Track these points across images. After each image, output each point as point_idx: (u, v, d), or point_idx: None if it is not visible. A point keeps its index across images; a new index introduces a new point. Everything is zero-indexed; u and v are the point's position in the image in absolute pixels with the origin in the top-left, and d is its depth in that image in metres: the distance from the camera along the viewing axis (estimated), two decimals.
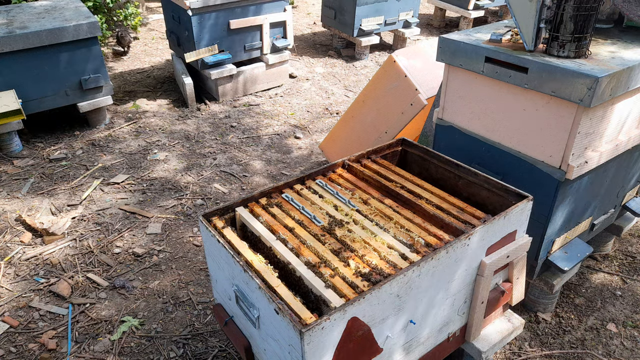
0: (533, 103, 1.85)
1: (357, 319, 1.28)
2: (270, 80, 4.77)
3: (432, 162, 1.98)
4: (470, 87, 2.05)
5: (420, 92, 2.75)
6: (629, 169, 2.26)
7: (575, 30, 1.73)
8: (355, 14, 5.16)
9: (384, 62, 2.90)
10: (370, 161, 2.01)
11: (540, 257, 2.09)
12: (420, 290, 1.45)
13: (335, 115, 4.35)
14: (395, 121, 2.91)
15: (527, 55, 1.80)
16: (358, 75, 5.19)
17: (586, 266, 2.65)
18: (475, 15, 6.29)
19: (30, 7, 3.91)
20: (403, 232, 1.61)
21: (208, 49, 4.22)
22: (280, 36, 4.63)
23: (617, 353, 2.18)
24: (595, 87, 1.61)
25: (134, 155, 3.66)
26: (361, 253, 1.50)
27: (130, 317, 2.31)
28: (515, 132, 1.96)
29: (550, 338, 2.24)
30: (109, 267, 2.61)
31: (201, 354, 2.14)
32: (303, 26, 6.69)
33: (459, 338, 1.79)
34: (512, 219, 1.63)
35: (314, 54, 5.70)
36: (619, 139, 1.99)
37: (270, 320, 1.33)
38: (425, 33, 6.55)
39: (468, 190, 1.88)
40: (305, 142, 3.92)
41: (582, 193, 2.03)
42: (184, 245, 2.78)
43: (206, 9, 4.06)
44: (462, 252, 1.51)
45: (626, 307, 2.42)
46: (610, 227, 2.56)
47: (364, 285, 1.37)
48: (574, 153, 1.80)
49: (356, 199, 1.79)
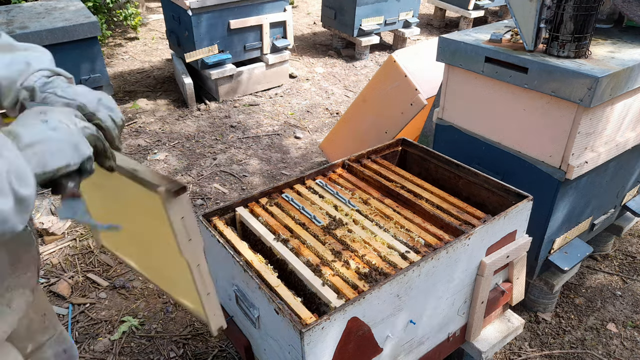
0: (533, 103, 1.85)
1: (357, 319, 1.28)
2: (270, 80, 4.77)
3: (432, 162, 1.98)
4: (470, 87, 2.05)
5: (420, 92, 2.75)
6: (629, 169, 2.26)
7: (575, 30, 1.73)
8: (355, 14, 5.16)
9: (384, 62, 2.90)
10: (370, 161, 2.01)
11: (540, 257, 2.09)
12: (420, 290, 1.45)
13: (335, 115, 4.35)
14: (395, 121, 2.91)
15: (527, 55, 1.80)
16: (358, 75, 5.19)
17: (586, 266, 2.65)
18: (475, 15, 6.29)
19: (30, 7, 3.91)
20: (403, 232, 1.61)
21: (208, 49, 4.22)
22: (280, 36, 4.63)
23: (617, 353, 2.18)
24: (595, 87, 1.61)
25: (134, 155, 3.66)
26: (361, 253, 1.50)
27: (130, 317, 2.31)
28: (515, 132, 1.96)
29: (550, 338, 2.24)
30: (109, 267, 2.61)
31: (201, 354, 2.14)
32: (303, 26, 6.69)
33: (459, 338, 1.79)
34: (512, 219, 1.63)
35: (314, 54, 5.70)
36: (619, 139, 1.99)
37: (270, 320, 1.33)
38: (425, 33, 6.55)
39: (468, 190, 1.88)
40: (305, 142, 3.92)
41: (582, 193, 2.03)
42: None
43: (206, 9, 4.06)
44: (462, 252, 1.51)
45: (626, 307, 2.42)
46: (610, 227, 2.56)
47: (364, 285, 1.37)
48: (574, 153, 1.80)
49: (356, 199, 1.79)
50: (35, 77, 0.95)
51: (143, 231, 1.01)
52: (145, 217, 0.94)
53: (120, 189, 0.96)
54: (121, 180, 0.92)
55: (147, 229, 0.98)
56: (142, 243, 1.06)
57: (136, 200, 0.93)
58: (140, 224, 0.99)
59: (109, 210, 1.07)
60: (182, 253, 0.88)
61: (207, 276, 0.93)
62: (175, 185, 0.82)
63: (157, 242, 0.98)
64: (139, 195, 0.89)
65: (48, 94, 0.92)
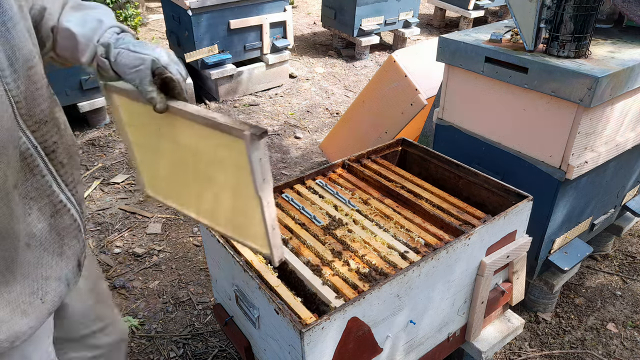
0: (533, 103, 1.85)
1: (357, 319, 1.28)
2: (270, 80, 4.77)
3: (432, 162, 1.98)
4: (470, 87, 2.05)
5: (420, 92, 2.76)
6: (629, 169, 2.26)
7: (575, 30, 1.73)
8: (355, 14, 5.16)
9: (384, 62, 2.90)
10: (370, 161, 2.01)
11: (540, 257, 2.09)
12: (420, 290, 1.45)
13: (335, 115, 4.35)
14: (395, 121, 2.91)
15: (527, 55, 1.80)
16: (358, 75, 5.19)
17: (586, 266, 2.65)
18: (475, 15, 6.29)
19: None
20: (403, 232, 1.61)
21: (208, 49, 4.22)
22: (280, 36, 4.63)
23: (617, 353, 2.18)
24: (595, 87, 1.61)
25: None
26: (361, 253, 1.50)
27: (130, 317, 2.31)
28: (515, 132, 1.96)
29: (550, 338, 2.24)
30: (109, 267, 2.61)
31: (201, 354, 2.14)
32: (303, 26, 6.69)
33: (459, 338, 1.79)
34: (512, 219, 1.63)
35: (314, 54, 5.70)
36: (619, 139, 1.99)
37: (270, 320, 1.33)
38: (425, 33, 6.55)
39: (468, 190, 1.88)
40: (305, 142, 3.92)
41: (582, 193, 2.03)
42: (184, 245, 2.78)
43: (206, 9, 4.06)
44: (462, 252, 1.51)
45: (626, 307, 2.42)
46: (610, 227, 2.56)
47: (364, 285, 1.37)
48: (574, 153, 1.80)
49: (356, 199, 1.79)
50: (108, 34, 1.02)
51: (208, 178, 1.07)
52: (215, 165, 1.02)
53: (187, 144, 1.04)
54: (191, 133, 1.00)
55: (214, 175, 1.04)
56: (203, 190, 1.12)
57: (208, 149, 1.00)
58: (205, 173, 1.06)
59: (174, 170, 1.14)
60: (257, 191, 0.96)
61: (274, 212, 1.01)
62: (258, 130, 0.89)
63: (225, 187, 1.04)
64: (213, 144, 0.97)
65: (122, 49, 0.99)
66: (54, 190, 1.00)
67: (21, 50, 0.88)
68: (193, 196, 1.14)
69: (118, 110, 1.14)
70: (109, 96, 1.13)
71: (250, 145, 0.90)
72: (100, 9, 1.09)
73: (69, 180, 1.05)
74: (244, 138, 0.89)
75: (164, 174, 1.17)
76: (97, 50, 1.01)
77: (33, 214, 0.97)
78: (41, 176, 0.96)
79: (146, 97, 0.96)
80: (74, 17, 1.03)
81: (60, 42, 1.05)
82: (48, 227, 1.01)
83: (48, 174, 0.98)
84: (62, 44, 1.05)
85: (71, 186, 1.05)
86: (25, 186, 0.93)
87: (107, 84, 1.08)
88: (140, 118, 1.10)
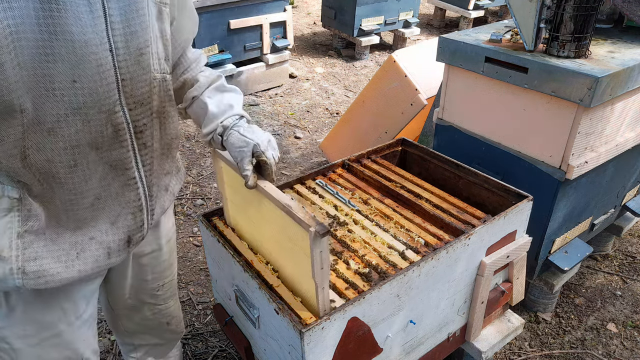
0: (533, 103, 1.85)
1: (357, 319, 1.28)
2: (270, 80, 4.77)
3: (432, 162, 1.98)
4: (470, 87, 2.05)
5: (420, 92, 2.76)
6: (629, 169, 2.26)
7: (575, 30, 1.73)
8: (355, 14, 5.16)
9: (384, 62, 2.90)
10: (370, 161, 2.01)
11: (540, 257, 2.09)
12: (420, 290, 1.45)
13: (335, 115, 4.35)
14: (395, 121, 2.91)
15: (527, 55, 1.80)
16: (358, 75, 5.19)
17: (586, 266, 2.65)
18: (475, 15, 6.29)
19: None
20: (403, 232, 1.61)
21: (208, 49, 4.22)
22: (280, 36, 4.63)
23: (617, 353, 2.18)
24: (595, 87, 1.61)
25: None
26: (361, 253, 1.50)
27: None
28: (515, 132, 1.96)
29: (550, 338, 2.24)
30: None
31: (201, 354, 2.14)
32: (303, 26, 6.69)
33: (459, 338, 1.79)
34: (512, 219, 1.63)
35: (314, 54, 5.70)
36: (619, 139, 1.99)
37: (270, 320, 1.33)
38: (425, 33, 6.55)
39: (468, 190, 1.88)
40: (305, 142, 3.92)
41: (582, 193, 2.03)
42: (184, 245, 2.78)
43: (206, 9, 4.05)
44: (462, 252, 1.51)
45: (626, 307, 2.42)
46: (610, 227, 2.56)
47: (364, 285, 1.37)
48: (574, 153, 1.80)
49: (356, 199, 1.79)
50: (231, 118, 1.26)
51: (278, 241, 1.31)
52: (286, 237, 1.23)
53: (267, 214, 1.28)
54: (271, 208, 1.22)
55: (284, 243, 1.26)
56: (272, 246, 1.38)
57: (282, 224, 1.21)
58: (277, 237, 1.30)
59: (252, 223, 1.43)
60: (314, 277, 1.13)
61: (327, 295, 1.19)
62: (322, 229, 1.05)
63: (290, 256, 1.27)
64: (286, 223, 1.17)
65: (233, 131, 1.23)
66: (132, 165, 1.12)
67: (138, 38, 1.01)
68: (263, 245, 1.43)
69: (221, 171, 1.44)
70: (215, 160, 1.41)
71: (313, 241, 1.06)
72: (234, 92, 1.33)
73: (147, 162, 1.17)
74: (309, 234, 1.05)
75: (243, 223, 1.50)
76: (217, 128, 1.25)
77: (107, 180, 1.09)
78: (126, 150, 1.09)
79: (242, 173, 1.19)
80: (214, 98, 1.29)
81: (194, 108, 1.31)
82: (114, 195, 1.13)
83: (131, 151, 1.10)
84: (195, 110, 1.31)
85: (147, 167, 1.17)
86: (111, 153, 1.06)
87: (216, 150, 1.34)
88: (236, 183, 1.36)
